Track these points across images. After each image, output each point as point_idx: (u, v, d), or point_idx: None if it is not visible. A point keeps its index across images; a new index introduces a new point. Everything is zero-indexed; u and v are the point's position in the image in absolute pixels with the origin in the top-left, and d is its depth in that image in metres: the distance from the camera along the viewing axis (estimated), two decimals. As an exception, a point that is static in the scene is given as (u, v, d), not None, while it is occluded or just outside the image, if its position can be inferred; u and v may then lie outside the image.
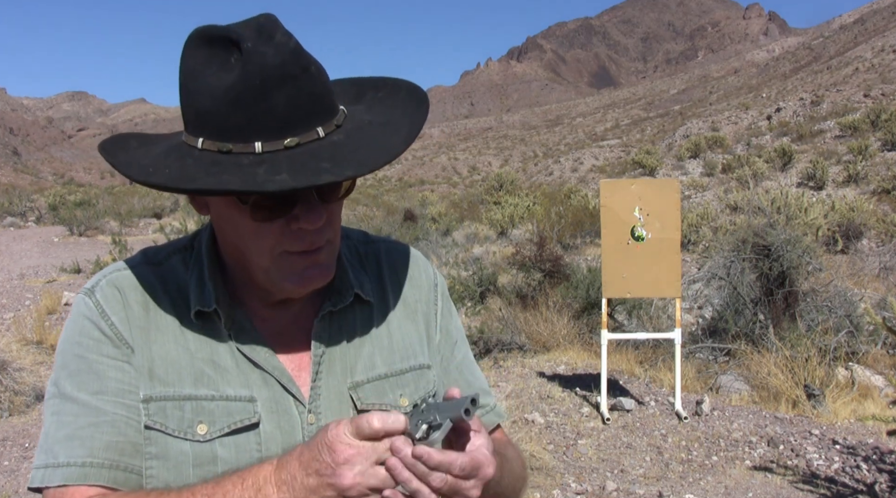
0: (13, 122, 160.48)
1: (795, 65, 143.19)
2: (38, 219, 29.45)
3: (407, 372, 1.13)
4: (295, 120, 0.92)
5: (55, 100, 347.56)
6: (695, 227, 15.21)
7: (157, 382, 1.00)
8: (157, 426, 0.99)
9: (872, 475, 4.70)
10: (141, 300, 1.04)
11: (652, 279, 5.65)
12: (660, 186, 6.16)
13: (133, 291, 1.04)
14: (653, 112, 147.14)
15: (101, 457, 0.96)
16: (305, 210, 0.95)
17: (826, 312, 7.46)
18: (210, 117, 0.93)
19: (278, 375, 1.04)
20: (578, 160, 60.48)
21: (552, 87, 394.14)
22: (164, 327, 1.03)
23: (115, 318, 1.02)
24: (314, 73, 0.95)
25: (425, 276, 1.24)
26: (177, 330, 1.03)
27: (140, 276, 1.06)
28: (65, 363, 1.02)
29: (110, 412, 0.98)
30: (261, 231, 0.97)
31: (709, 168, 30.81)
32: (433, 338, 1.20)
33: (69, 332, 1.04)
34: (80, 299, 1.05)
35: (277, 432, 1.02)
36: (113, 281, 1.05)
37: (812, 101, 49.98)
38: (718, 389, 6.59)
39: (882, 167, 23.35)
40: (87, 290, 1.05)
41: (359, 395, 1.09)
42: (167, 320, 1.03)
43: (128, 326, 1.02)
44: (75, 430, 0.97)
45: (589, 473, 4.79)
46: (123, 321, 1.02)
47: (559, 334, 7.88)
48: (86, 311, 1.03)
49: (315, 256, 1.00)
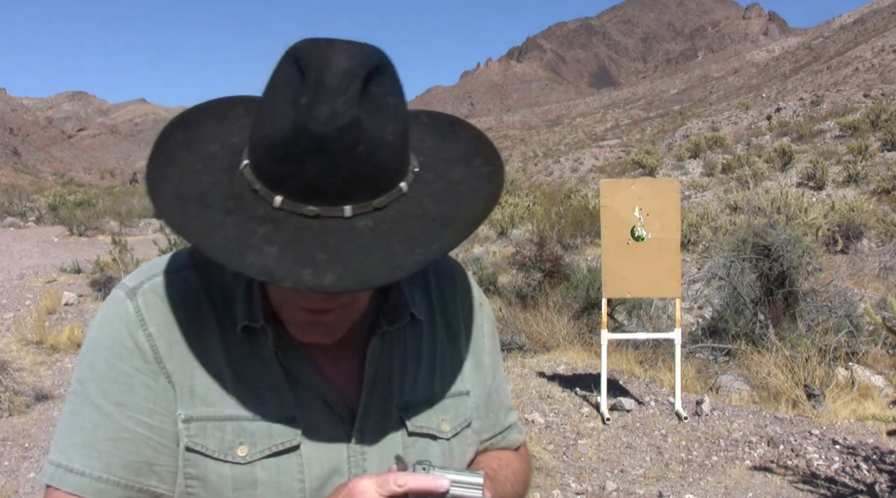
0: (13, 122, 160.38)
1: (795, 65, 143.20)
2: (38, 219, 29.46)
3: (448, 397, 1.09)
4: (322, 191, 0.85)
5: (55, 100, 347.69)
6: (695, 227, 15.22)
7: (198, 402, 0.95)
8: (197, 448, 0.95)
9: (872, 475, 4.70)
10: (185, 312, 0.97)
11: (652, 279, 5.65)
12: (660, 186, 6.16)
13: (179, 302, 0.97)
14: (653, 112, 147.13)
15: (118, 475, 0.94)
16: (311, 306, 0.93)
17: (826, 312, 7.46)
18: (257, 149, 0.88)
19: (324, 394, 0.99)
20: (578, 160, 60.47)
21: (552, 87, 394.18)
22: (207, 342, 0.97)
23: (154, 329, 0.95)
24: (361, 153, 0.84)
25: (472, 297, 1.18)
26: (220, 345, 0.97)
27: (187, 281, 0.99)
28: (93, 364, 0.96)
29: (132, 430, 0.94)
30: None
31: (709, 168, 30.83)
32: (482, 363, 1.17)
33: (104, 332, 0.97)
34: (121, 299, 0.98)
35: (321, 454, 0.98)
36: (157, 288, 0.98)
37: (812, 101, 50.00)
38: (718, 389, 6.59)
39: (882, 167, 23.37)
40: (130, 290, 0.98)
41: (408, 416, 1.04)
42: (211, 335, 0.97)
43: (167, 340, 0.95)
44: (94, 440, 0.93)
45: (589, 473, 4.79)
46: (163, 334, 0.95)
47: (559, 334, 7.88)
48: (124, 314, 0.96)
49: (322, 315, 0.94)
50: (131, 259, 11.61)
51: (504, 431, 1.24)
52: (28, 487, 4.66)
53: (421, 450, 1.05)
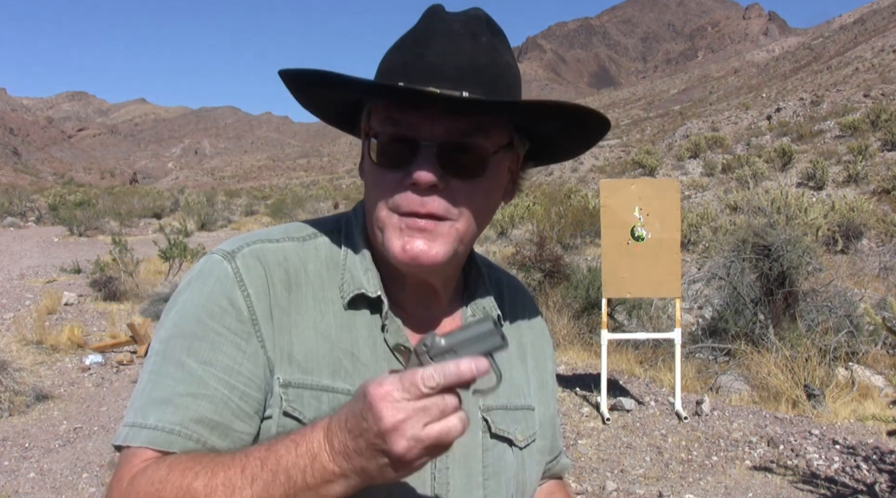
0: (13, 122, 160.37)
1: (795, 65, 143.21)
2: (38, 219, 29.48)
3: (518, 409, 1.10)
4: (443, 73, 0.91)
5: (55, 100, 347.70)
6: (695, 227, 15.22)
7: (296, 368, 0.94)
8: (294, 414, 0.93)
9: (872, 475, 4.70)
10: (284, 279, 0.96)
11: (652, 279, 5.65)
12: (660, 186, 6.16)
13: (277, 269, 0.97)
14: (653, 112, 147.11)
15: (191, 429, 0.89)
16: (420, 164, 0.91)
17: (826, 312, 7.46)
18: (381, 65, 0.97)
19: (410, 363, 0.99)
20: (578, 160, 60.42)
21: (552, 87, 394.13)
22: (304, 310, 0.96)
23: (253, 291, 0.94)
24: (484, 44, 0.95)
25: (539, 318, 1.21)
26: (318, 315, 0.97)
27: (286, 251, 0.99)
28: (179, 323, 0.94)
29: (213, 387, 0.90)
30: (382, 179, 0.95)
31: (709, 168, 30.83)
32: (547, 383, 1.19)
33: (195, 291, 0.95)
34: (216, 261, 0.96)
35: None
36: (257, 252, 0.97)
37: (812, 101, 50.00)
38: (718, 389, 6.59)
39: (882, 167, 23.37)
40: (227, 252, 0.97)
41: (492, 418, 1.04)
42: (308, 303, 0.97)
43: (266, 303, 0.94)
44: (172, 395, 0.90)
45: (589, 473, 4.79)
46: (261, 297, 0.94)
47: (559, 334, 7.88)
48: (220, 274, 0.95)
49: (420, 222, 0.93)
50: (131, 259, 11.61)
51: (559, 455, 1.26)
52: (28, 487, 4.66)
53: (499, 455, 1.04)
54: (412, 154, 0.92)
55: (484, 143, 0.94)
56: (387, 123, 0.94)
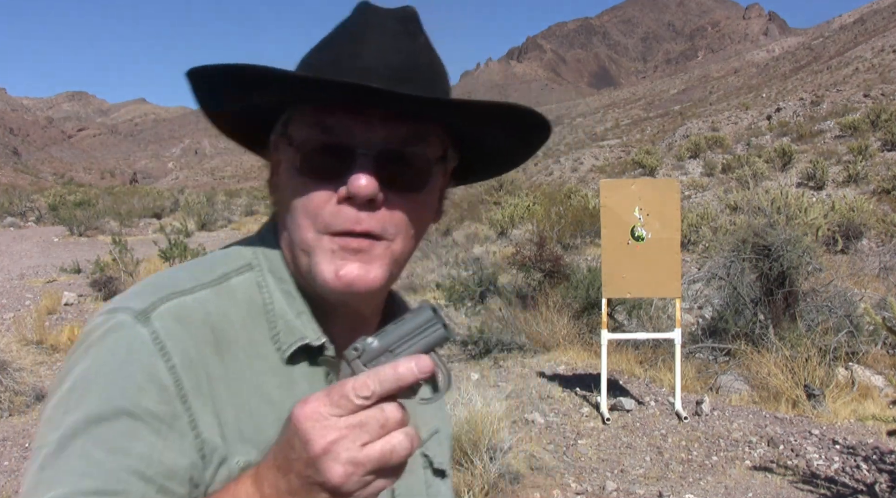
0: (13, 122, 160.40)
1: (795, 65, 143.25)
2: (38, 219, 29.48)
3: (433, 433, 1.02)
4: (381, 73, 0.81)
5: (55, 100, 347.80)
6: (695, 227, 15.21)
7: (251, 446, 0.78)
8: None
9: (872, 475, 4.70)
10: (212, 340, 0.79)
11: (652, 279, 5.66)
12: (660, 186, 6.16)
13: (202, 329, 0.79)
14: (653, 112, 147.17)
15: None
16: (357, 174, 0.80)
17: (826, 312, 7.46)
18: (302, 65, 0.86)
19: None
20: (578, 160, 60.44)
21: (552, 87, 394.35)
22: (241, 374, 0.80)
23: (179, 360, 0.76)
24: (422, 44, 0.87)
25: None
26: (255, 376, 0.81)
27: (204, 304, 0.81)
28: (80, 402, 0.74)
29: (125, 481, 0.71)
30: (308, 195, 0.82)
31: (709, 168, 30.83)
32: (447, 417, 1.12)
33: (100, 362, 0.76)
34: (126, 323, 0.77)
35: None
36: (175, 311, 0.79)
37: (812, 101, 50.02)
38: (718, 389, 6.59)
39: (882, 167, 23.36)
40: (140, 314, 0.77)
41: (429, 452, 0.95)
42: (243, 364, 0.81)
43: (197, 374, 0.77)
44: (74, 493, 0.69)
45: (589, 473, 4.79)
46: (190, 368, 0.76)
47: (559, 334, 7.88)
48: (134, 341, 0.76)
49: (354, 242, 0.82)
50: (131, 259, 11.61)
51: None
52: (28, 487, 4.66)
53: (438, 490, 0.97)
54: (347, 164, 0.81)
55: (425, 153, 0.85)
56: (315, 130, 0.82)
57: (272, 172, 0.91)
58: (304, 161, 0.83)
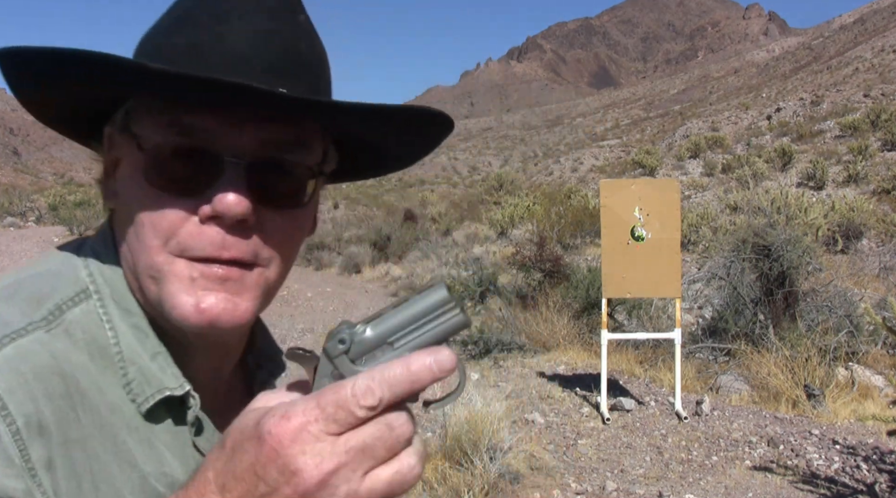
0: (13, 122, 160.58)
1: (795, 65, 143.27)
2: (38, 219, 29.50)
3: None
4: (253, 63, 0.65)
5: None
6: (695, 227, 15.21)
7: None
8: None
9: (872, 475, 4.70)
10: (64, 392, 0.61)
11: (652, 279, 5.66)
12: (660, 186, 6.16)
13: (50, 379, 0.61)
14: (653, 112, 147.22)
15: None
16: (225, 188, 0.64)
17: (826, 312, 7.46)
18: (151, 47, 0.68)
19: None
20: (578, 160, 60.52)
21: (552, 87, 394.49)
22: (97, 431, 0.63)
23: (23, 422, 0.58)
24: (303, 25, 0.71)
25: None
26: (111, 432, 0.64)
27: (46, 346, 0.63)
28: None
29: None
30: (159, 210, 0.65)
31: (709, 168, 30.83)
32: None
33: None
34: None
35: None
36: (15, 360, 0.60)
37: (812, 101, 50.03)
38: (718, 389, 6.59)
39: (882, 167, 23.36)
40: None
41: None
42: (99, 419, 0.64)
43: (49, 439, 0.59)
44: None
45: (589, 473, 4.79)
46: (39, 431, 0.59)
47: (559, 334, 7.88)
48: None
49: (220, 270, 0.66)
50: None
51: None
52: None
53: None
54: (212, 175, 0.65)
55: (306, 161, 0.70)
56: (170, 131, 0.65)
57: (106, 173, 0.72)
58: (155, 169, 0.65)
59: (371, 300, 12.28)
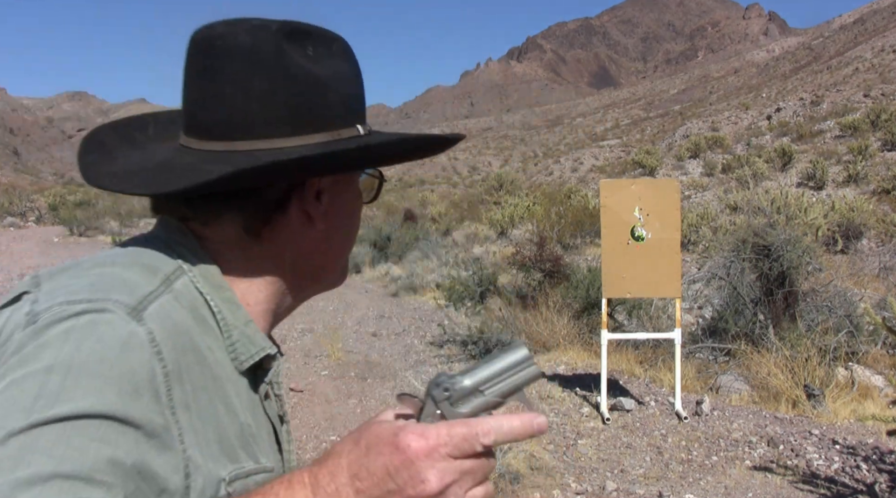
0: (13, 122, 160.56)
1: (795, 65, 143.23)
2: (38, 219, 29.50)
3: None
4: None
5: (55, 100, 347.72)
6: (695, 227, 15.21)
7: (225, 460, 0.74)
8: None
9: (872, 475, 4.70)
10: (191, 346, 0.73)
11: (652, 279, 5.66)
12: (660, 186, 6.16)
13: (183, 335, 0.73)
14: (653, 112, 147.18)
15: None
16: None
17: (826, 312, 7.46)
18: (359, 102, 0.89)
19: (281, 438, 0.88)
20: (578, 160, 60.53)
21: (552, 87, 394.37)
22: (212, 382, 0.75)
23: (172, 367, 0.69)
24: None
25: None
26: (221, 384, 0.77)
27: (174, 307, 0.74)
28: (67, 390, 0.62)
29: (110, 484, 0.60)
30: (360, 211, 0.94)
31: (709, 168, 30.83)
32: None
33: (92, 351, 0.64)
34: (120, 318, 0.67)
35: None
36: (162, 314, 0.71)
37: (812, 101, 50.03)
38: (718, 389, 6.59)
39: (882, 167, 23.36)
40: (133, 310, 0.69)
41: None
42: (213, 372, 0.76)
43: (181, 384, 0.70)
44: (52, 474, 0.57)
45: (589, 473, 4.79)
46: (178, 377, 0.70)
47: (559, 334, 7.88)
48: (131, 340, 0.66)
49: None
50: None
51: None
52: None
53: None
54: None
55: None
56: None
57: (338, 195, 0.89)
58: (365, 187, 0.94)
59: (371, 300, 12.28)
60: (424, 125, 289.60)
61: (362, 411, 6.29)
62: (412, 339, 9.13)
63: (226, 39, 0.80)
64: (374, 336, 9.39)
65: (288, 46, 0.81)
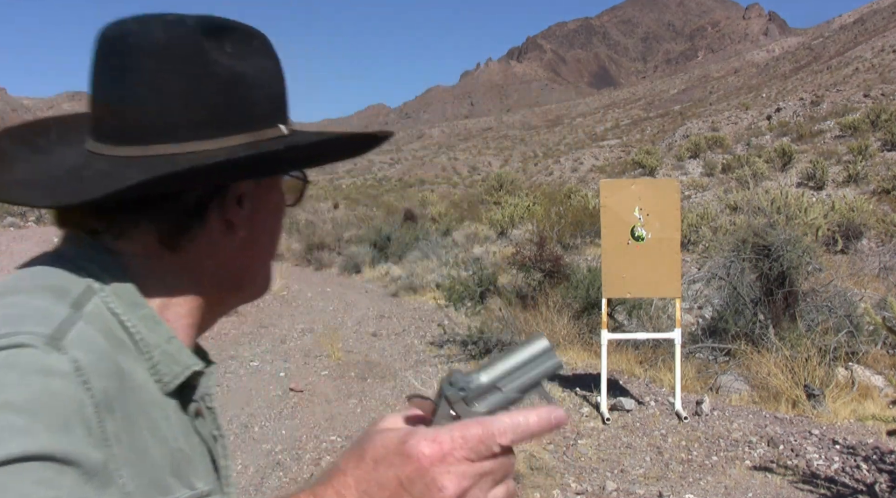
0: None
1: (795, 65, 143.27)
2: (38, 219, 29.49)
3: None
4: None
5: (55, 100, 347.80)
6: (695, 227, 15.21)
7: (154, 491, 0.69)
8: None
9: (872, 475, 4.70)
10: (116, 372, 0.67)
11: (652, 279, 5.66)
12: (660, 186, 6.16)
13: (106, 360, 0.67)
14: (653, 112, 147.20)
15: None
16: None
17: (826, 312, 7.46)
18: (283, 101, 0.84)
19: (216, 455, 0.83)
20: (578, 160, 60.54)
21: (552, 87, 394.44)
22: (138, 409, 0.69)
23: (101, 398, 0.63)
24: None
25: None
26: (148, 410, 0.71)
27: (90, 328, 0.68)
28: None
29: None
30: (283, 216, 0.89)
31: (709, 168, 30.84)
32: None
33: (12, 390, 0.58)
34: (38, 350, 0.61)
35: None
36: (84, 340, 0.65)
37: (812, 101, 50.05)
38: (718, 389, 6.59)
39: (882, 167, 23.37)
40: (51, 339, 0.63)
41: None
42: (139, 399, 0.70)
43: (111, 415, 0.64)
44: None
45: (589, 473, 4.79)
46: (107, 408, 0.64)
47: (559, 334, 7.88)
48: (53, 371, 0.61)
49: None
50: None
51: None
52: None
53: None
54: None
55: None
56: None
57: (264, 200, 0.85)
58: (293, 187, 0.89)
59: (371, 300, 12.29)
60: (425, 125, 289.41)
61: (362, 411, 6.29)
62: (412, 339, 9.13)
63: (139, 37, 0.75)
64: (374, 336, 9.40)
65: (206, 43, 0.76)
